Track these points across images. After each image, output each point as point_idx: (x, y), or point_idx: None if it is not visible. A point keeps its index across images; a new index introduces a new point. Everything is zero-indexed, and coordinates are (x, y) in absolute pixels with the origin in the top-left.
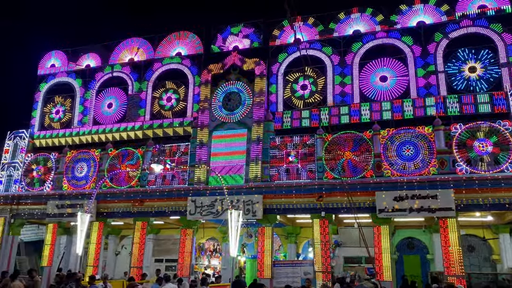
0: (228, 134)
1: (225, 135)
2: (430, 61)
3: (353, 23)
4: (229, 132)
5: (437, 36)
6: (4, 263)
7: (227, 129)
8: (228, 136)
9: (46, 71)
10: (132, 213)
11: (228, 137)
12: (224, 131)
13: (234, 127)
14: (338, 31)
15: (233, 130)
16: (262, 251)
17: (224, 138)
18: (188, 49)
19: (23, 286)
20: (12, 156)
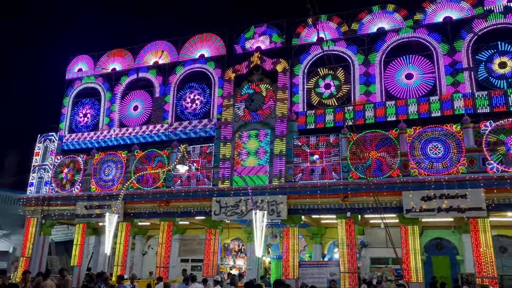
0: (251, 134)
1: (248, 136)
2: (457, 57)
3: (377, 20)
4: (252, 133)
5: (464, 32)
6: (36, 262)
7: (250, 129)
8: (252, 136)
9: (74, 75)
10: (158, 213)
11: (251, 137)
12: (247, 131)
13: (257, 128)
14: (361, 29)
15: (256, 130)
16: (287, 251)
17: (247, 138)
18: (211, 51)
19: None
20: (42, 159)
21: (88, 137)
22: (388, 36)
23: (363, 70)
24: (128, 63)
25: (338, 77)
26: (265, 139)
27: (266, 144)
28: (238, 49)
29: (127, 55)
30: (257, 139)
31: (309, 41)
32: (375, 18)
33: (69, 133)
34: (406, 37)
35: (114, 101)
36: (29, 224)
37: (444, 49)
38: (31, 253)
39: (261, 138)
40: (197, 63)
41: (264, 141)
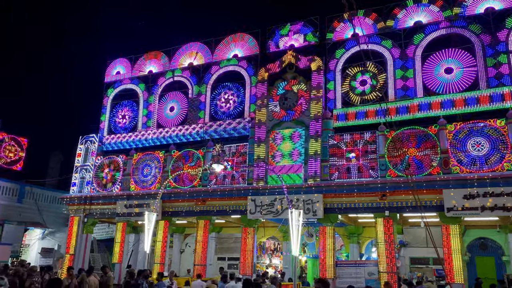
0: (286, 133)
1: (282, 134)
2: (501, 49)
3: (413, 14)
4: (286, 131)
5: (508, 22)
6: (79, 259)
7: (285, 128)
8: (286, 135)
9: (112, 78)
10: (195, 212)
11: (285, 136)
12: (281, 130)
13: (291, 126)
14: (398, 24)
15: (291, 128)
16: (323, 250)
17: (281, 137)
18: (244, 51)
19: (98, 281)
20: (84, 160)
21: (126, 138)
22: (426, 29)
23: (400, 65)
24: (163, 65)
25: (374, 73)
26: (299, 140)
27: (301, 145)
28: (271, 48)
29: (162, 57)
30: (291, 141)
31: (344, 37)
32: (411, 12)
33: (109, 135)
34: (445, 30)
35: (151, 103)
36: (73, 222)
37: (486, 41)
38: (75, 250)
39: (295, 140)
40: (231, 63)
41: (298, 142)
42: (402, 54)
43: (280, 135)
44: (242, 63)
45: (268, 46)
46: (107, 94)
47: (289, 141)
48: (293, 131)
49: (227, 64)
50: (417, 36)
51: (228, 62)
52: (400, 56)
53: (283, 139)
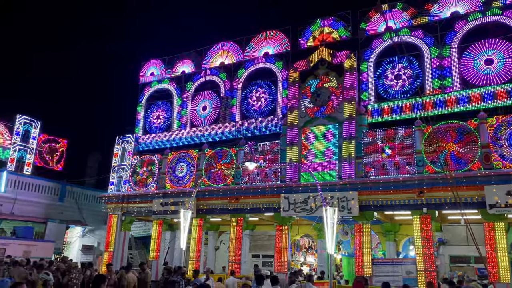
0: (319, 130)
1: (315, 131)
2: None
3: (449, 4)
4: (319, 128)
5: None
6: (118, 256)
7: (317, 125)
8: (318, 133)
9: (147, 79)
10: (228, 209)
11: (318, 135)
12: (314, 127)
13: (324, 123)
14: (432, 16)
15: (324, 125)
16: (359, 249)
17: (314, 136)
18: (275, 48)
19: (136, 277)
20: (121, 159)
21: (161, 138)
22: (462, 20)
23: (436, 58)
24: (196, 65)
25: (409, 67)
26: (332, 139)
27: (334, 145)
28: (302, 44)
29: (195, 57)
30: (324, 140)
31: (377, 30)
32: (447, 2)
33: (144, 135)
34: (484, 19)
35: (184, 103)
36: (111, 220)
37: None
38: (114, 247)
39: (328, 139)
40: (262, 61)
41: (331, 141)
42: (439, 46)
43: (312, 134)
44: (273, 60)
45: (299, 43)
46: (142, 95)
47: (321, 140)
48: (326, 129)
49: (258, 62)
50: (455, 27)
51: (259, 60)
52: (436, 49)
53: (316, 138)
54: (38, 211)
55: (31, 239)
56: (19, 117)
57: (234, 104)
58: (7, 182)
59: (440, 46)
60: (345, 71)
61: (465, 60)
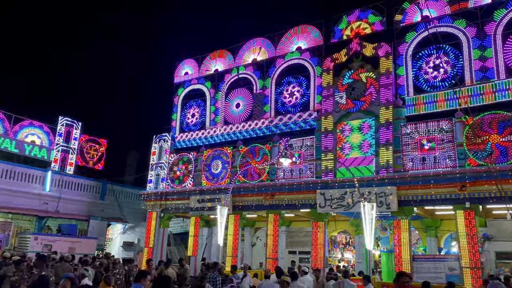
0: (354, 124)
1: (351, 126)
2: None
3: None
4: (355, 122)
5: None
6: (158, 252)
7: (353, 119)
8: (354, 126)
9: (181, 79)
10: (264, 206)
11: (354, 127)
12: (349, 121)
13: (360, 117)
14: (473, 1)
15: (360, 119)
16: (399, 245)
17: (350, 128)
18: (308, 42)
19: (175, 273)
20: (158, 158)
21: (196, 136)
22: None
23: (477, 46)
24: (228, 63)
25: (447, 57)
26: (369, 131)
27: (371, 136)
28: (335, 38)
29: (227, 55)
30: (361, 132)
31: (413, 20)
32: None
33: (180, 133)
34: None
35: (218, 101)
36: (150, 217)
37: None
38: (153, 243)
39: (365, 131)
40: (294, 56)
41: (368, 133)
42: (479, 33)
43: (348, 126)
44: (306, 55)
45: (332, 36)
46: (177, 94)
47: (358, 132)
48: (362, 122)
49: (290, 57)
50: (498, 12)
51: (291, 55)
52: (476, 36)
53: (352, 130)
54: (81, 209)
55: (75, 236)
56: (61, 119)
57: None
58: (52, 182)
59: (481, 34)
60: (381, 63)
61: (509, 47)
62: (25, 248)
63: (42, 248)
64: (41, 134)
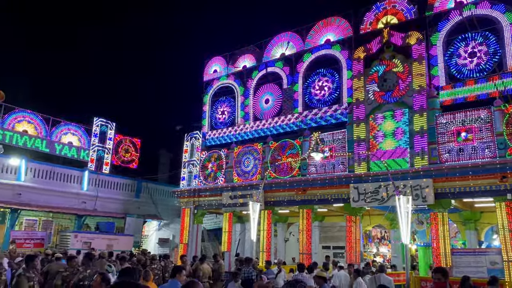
0: (387, 116)
1: (383, 118)
2: None
3: None
4: (387, 114)
5: None
6: (192, 248)
7: (385, 111)
8: (387, 118)
9: (210, 76)
10: (296, 201)
11: (387, 120)
12: (382, 113)
13: (393, 108)
14: None
15: (392, 111)
16: (436, 238)
17: (382, 120)
18: (337, 34)
19: (210, 268)
20: (190, 155)
21: (226, 133)
22: None
23: None
24: (256, 59)
25: (484, 43)
26: (402, 118)
27: (404, 123)
28: (365, 28)
29: (255, 51)
30: (394, 119)
31: (446, 7)
32: None
33: (211, 130)
34: None
35: (247, 97)
36: (184, 214)
37: None
38: (187, 240)
39: (398, 118)
40: (323, 49)
41: (402, 120)
42: None
43: (380, 118)
44: (336, 47)
45: (362, 27)
46: (207, 92)
47: (391, 125)
48: (394, 113)
49: (319, 50)
50: None
51: (320, 48)
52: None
53: (384, 122)
54: (118, 207)
55: (113, 233)
56: (96, 120)
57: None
58: (89, 181)
59: None
60: (413, 52)
61: None
62: (66, 245)
63: (82, 246)
64: (77, 135)
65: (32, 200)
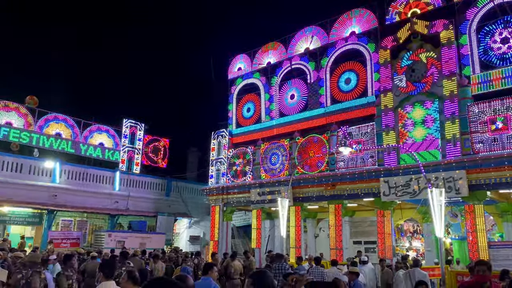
0: (416, 107)
1: (412, 109)
2: None
3: None
4: (417, 106)
5: None
6: (223, 245)
7: (415, 102)
8: (417, 110)
9: (234, 74)
10: (325, 196)
11: (416, 111)
12: (411, 105)
13: (422, 99)
14: None
15: (422, 102)
16: (472, 231)
17: (412, 112)
18: (361, 26)
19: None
20: (217, 153)
21: (253, 130)
22: None
23: None
24: (281, 54)
25: None
26: (432, 105)
27: (434, 111)
28: (391, 19)
29: (279, 47)
30: (423, 107)
31: None
32: None
33: (237, 128)
34: None
35: (272, 93)
36: (214, 211)
37: None
38: (218, 237)
39: (428, 117)
40: (348, 42)
41: (431, 108)
42: None
43: (409, 110)
44: (361, 39)
45: (387, 18)
46: (232, 90)
47: (420, 111)
48: (424, 104)
49: (344, 43)
50: None
51: (345, 41)
52: None
53: (414, 109)
54: (149, 206)
55: (145, 232)
56: (125, 121)
57: (322, 93)
58: (120, 181)
59: None
60: (442, 41)
61: None
62: (101, 244)
63: (116, 244)
64: (107, 136)
65: (67, 201)
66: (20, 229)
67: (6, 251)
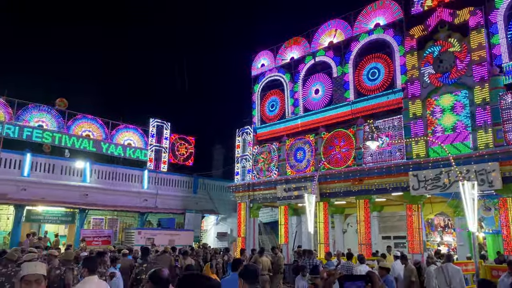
0: (446, 98)
1: (442, 101)
2: None
3: None
4: (446, 97)
5: None
6: (250, 241)
7: (444, 93)
8: (446, 101)
9: (258, 71)
10: (352, 192)
11: (446, 102)
12: (439, 96)
13: (451, 90)
14: None
15: (451, 93)
16: (506, 225)
17: (441, 104)
18: (386, 18)
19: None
20: (242, 150)
21: (277, 126)
22: None
23: None
24: (304, 49)
25: None
26: (461, 92)
27: (464, 97)
28: (416, 9)
29: (302, 42)
30: (453, 110)
31: None
32: None
33: (261, 124)
34: None
35: (296, 89)
36: (240, 208)
37: None
38: (245, 233)
39: (458, 109)
40: (373, 34)
41: (461, 94)
42: None
43: (438, 101)
44: (386, 31)
45: (413, 7)
46: (255, 87)
47: (450, 107)
48: (453, 95)
49: (369, 35)
50: None
51: (370, 33)
52: None
53: (443, 105)
54: (177, 203)
55: (174, 229)
56: (152, 121)
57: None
58: (149, 180)
59: None
60: (471, 29)
61: None
62: (131, 242)
63: (146, 242)
64: (136, 135)
65: (98, 200)
66: (54, 228)
67: (42, 248)
